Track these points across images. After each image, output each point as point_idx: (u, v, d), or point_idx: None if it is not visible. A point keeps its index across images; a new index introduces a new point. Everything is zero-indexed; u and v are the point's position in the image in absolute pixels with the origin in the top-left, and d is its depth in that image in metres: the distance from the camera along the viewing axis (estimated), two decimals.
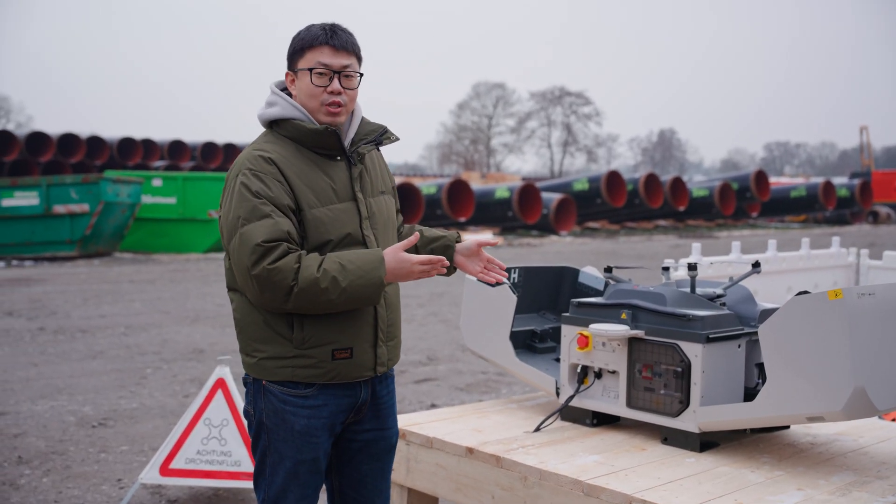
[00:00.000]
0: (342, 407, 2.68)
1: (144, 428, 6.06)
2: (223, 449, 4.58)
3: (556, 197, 28.38)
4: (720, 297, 3.60)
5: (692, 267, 3.59)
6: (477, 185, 32.09)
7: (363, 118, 2.78)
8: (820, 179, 39.27)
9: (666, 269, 4.00)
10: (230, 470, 4.56)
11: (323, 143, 2.63)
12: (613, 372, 3.55)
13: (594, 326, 3.47)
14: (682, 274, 4.91)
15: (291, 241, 2.51)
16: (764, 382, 3.35)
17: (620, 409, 3.52)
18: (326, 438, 2.69)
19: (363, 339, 2.65)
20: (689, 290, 3.60)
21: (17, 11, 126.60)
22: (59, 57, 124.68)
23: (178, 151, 36.83)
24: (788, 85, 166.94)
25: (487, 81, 74.20)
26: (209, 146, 37.18)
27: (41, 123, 76.80)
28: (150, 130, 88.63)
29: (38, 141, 32.75)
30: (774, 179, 47.32)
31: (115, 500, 4.73)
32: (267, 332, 2.59)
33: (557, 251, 22.40)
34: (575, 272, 4.45)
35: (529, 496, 3.13)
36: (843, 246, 6.73)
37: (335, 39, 2.61)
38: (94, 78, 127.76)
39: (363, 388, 2.71)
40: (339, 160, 2.67)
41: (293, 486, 2.66)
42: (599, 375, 3.61)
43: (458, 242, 2.99)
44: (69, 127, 37.11)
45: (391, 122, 2.90)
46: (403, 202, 23.77)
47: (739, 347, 3.40)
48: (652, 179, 31.46)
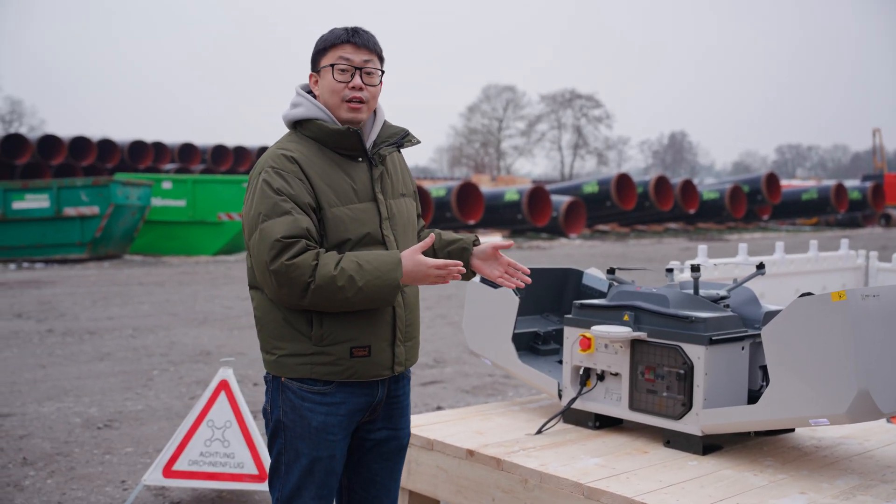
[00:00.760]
0: (360, 405, 2.70)
1: (149, 430, 6.06)
2: (226, 451, 4.57)
3: (565, 200, 28.33)
4: (724, 298, 3.56)
5: (695, 268, 3.56)
6: (487, 187, 32.07)
7: (385, 121, 2.82)
8: (832, 182, 39.06)
9: (670, 270, 3.98)
10: (233, 472, 4.54)
11: (345, 143, 2.67)
12: (616, 374, 3.53)
13: (596, 328, 3.45)
14: (687, 276, 4.88)
15: (310, 238, 2.54)
16: (768, 385, 3.32)
17: (623, 411, 3.49)
18: (343, 438, 2.70)
19: (382, 337, 2.67)
20: (692, 291, 3.57)
21: (29, 16, 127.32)
22: (70, 61, 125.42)
23: (188, 154, 36.94)
24: (800, 87, 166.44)
25: (497, 84, 74.25)
26: (219, 149, 37.29)
27: (53, 127, 77.14)
28: (160, 133, 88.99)
29: (49, 144, 32.92)
30: (786, 182, 47.12)
31: (118, 501, 4.72)
32: (286, 329, 2.62)
33: (567, 254, 22.34)
34: (579, 274, 4.43)
35: (530, 499, 3.10)
36: (853, 248, 6.69)
37: (356, 37, 2.68)
38: (105, 82, 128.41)
39: (381, 387, 2.74)
40: (360, 161, 2.71)
41: (308, 484, 2.67)
42: (602, 378, 3.58)
43: (475, 246, 2.97)
44: (81, 130, 37.30)
45: (401, 124, 2.89)
46: None
47: (743, 350, 3.37)
48: (662, 182, 31.37)
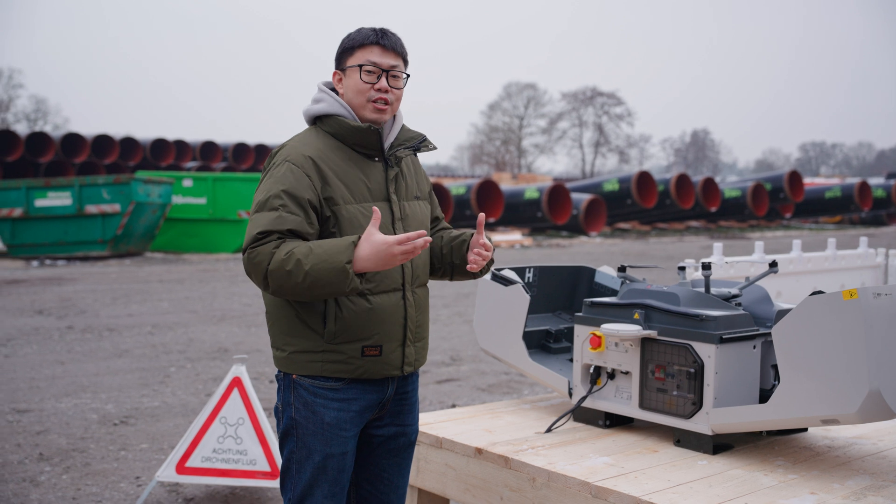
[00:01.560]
0: (371, 402, 2.72)
1: (165, 426, 6.09)
2: (239, 447, 4.59)
3: (585, 197, 28.25)
4: (736, 297, 3.53)
5: (706, 266, 3.53)
6: (507, 185, 32.02)
7: (404, 125, 2.84)
8: (855, 180, 38.69)
9: (682, 268, 3.95)
10: (246, 469, 4.56)
11: (364, 141, 2.67)
12: (626, 372, 3.50)
13: (606, 326, 3.43)
14: (701, 274, 4.84)
15: (290, 236, 2.53)
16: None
17: (633, 410, 3.47)
18: (354, 435, 2.70)
19: (393, 337, 2.68)
20: (703, 289, 3.54)
21: (55, 15, 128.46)
22: (95, 59, 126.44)
23: (210, 152, 37.13)
24: (825, 84, 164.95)
25: (519, 82, 74.02)
26: (241, 147, 37.47)
27: (77, 125, 77.85)
28: (182, 132, 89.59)
29: (72, 142, 33.19)
30: (809, 180, 46.73)
31: (132, 497, 4.75)
32: (298, 325, 2.63)
33: (587, 252, 22.27)
34: (591, 272, 4.40)
35: (538, 497, 3.09)
36: (876, 247, 6.61)
37: (385, 40, 2.68)
38: (129, 80, 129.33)
39: (391, 384, 2.75)
40: (376, 161, 2.71)
41: (321, 481, 2.66)
42: (612, 376, 3.56)
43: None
44: (104, 128, 37.59)
45: (423, 123, 2.91)
46: None
47: (755, 348, 3.33)
48: (683, 180, 31.20)
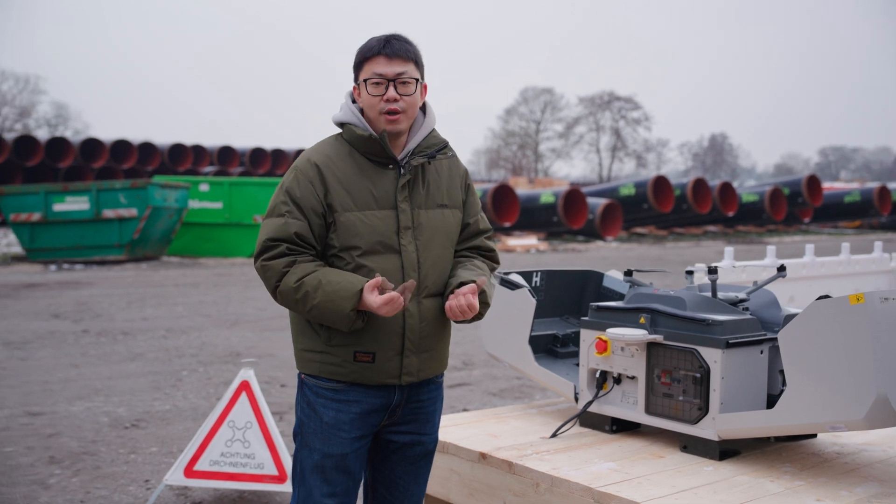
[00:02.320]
0: (374, 406, 2.69)
1: (175, 430, 6.10)
2: (247, 451, 4.59)
3: (601, 202, 28.16)
4: (743, 301, 3.50)
5: (712, 270, 3.50)
6: (522, 190, 31.98)
7: (433, 130, 2.78)
8: (875, 184, 38.36)
9: (690, 272, 3.92)
10: (253, 472, 4.55)
11: (371, 149, 2.67)
12: (632, 377, 3.48)
13: (612, 331, 3.40)
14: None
15: (296, 242, 2.60)
16: None
17: (639, 415, 3.45)
18: (357, 437, 2.69)
19: (388, 346, 2.65)
20: (710, 294, 3.52)
21: (76, 22, 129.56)
22: (115, 65, 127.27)
23: (227, 157, 37.31)
24: (844, 88, 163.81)
25: (535, 86, 74.01)
26: (258, 152, 37.64)
27: (97, 130, 78.32)
28: (200, 136, 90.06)
29: (92, 147, 33.46)
30: (828, 184, 46.39)
31: (141, 500, 4.76)
32: (305, 324, 2.70)
33: (603, 257, 22.20)
34: (599, 276, 4.38)
35: (541, 503, 3.07)
36: (892, 251, 6.54)
37: (388, 48, 2.65)
38: (148, 86, 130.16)
39: (397, 390, 2.71)
40: (390, 168, 2.69)
41: (318, 482, 2.68)
42: (619, 381, 3.54)
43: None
44: (123, 134, 37.85)
45: (439, 128, 2.84)
46: None
47: (762, 353, 3.30)
48: (700, 184, 31.05)
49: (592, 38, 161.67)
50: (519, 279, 3.97)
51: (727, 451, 3.27)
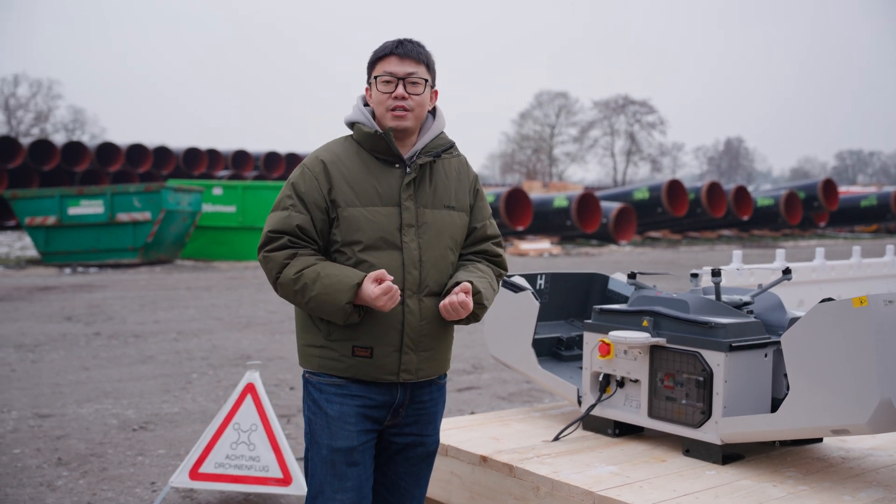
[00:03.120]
0: (376, 402, 2.71)
1: (183, 432, 6.11)
2: (251, 454, 4.58)
3: (615, 206, 28.07)
4: (747, 304, 3.47)
5: (716, 273, 3.48)
6: (536, 194, 31.93)
7: (442, 132, 2.83)
8: (892, 188, 38.07)
9: (695, 275, 3.89)
10: (258, 475, 4.55)
11: (376, 146, 2.72)
12: (636, 381, 3.46)
13: (614, 334, 3.38)
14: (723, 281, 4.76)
15: (298, 235, 2.67)
16: None
17: (642, 418, 3.42)
18: (363, 431, 2.70)
19: (387, 342, 2.66)
20: (714, 297, 3.49)
21: (93, 27, 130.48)
22: (132, 70, 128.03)
23: (241, 161, 37.45)
24: (862, 91, 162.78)
25: (550, 90, 73.87)
26: (272, 156, 37.76)
27: (114, 135, 78.85)
28: (214, 141, 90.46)
29: (107, 151, 33.64)
30: (845, 188, 46.07)
31: (146, 502, 4.77)
32: (307, 319, 2.73)
33: (615, 261, 22.12)
34: (604, 279, 4.36)
35: None
36: None
37: (400, 48, 2.73)
38: (165, 90, 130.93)
39: (399, 389, 2.72)
40: (396, 167, 2.73)
41: (329, 477, 2.70)
42: (622, 384, 3.52)
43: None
44: (140, 138, 38.07)
45: (453, 132, 2.85)
46: None
47: (766, 357, 3.27)
48: (715, 188, 30.89)
49: (607, 41, 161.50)
50: (522, 282, 3.95)
51: (730, 455, 3.24)
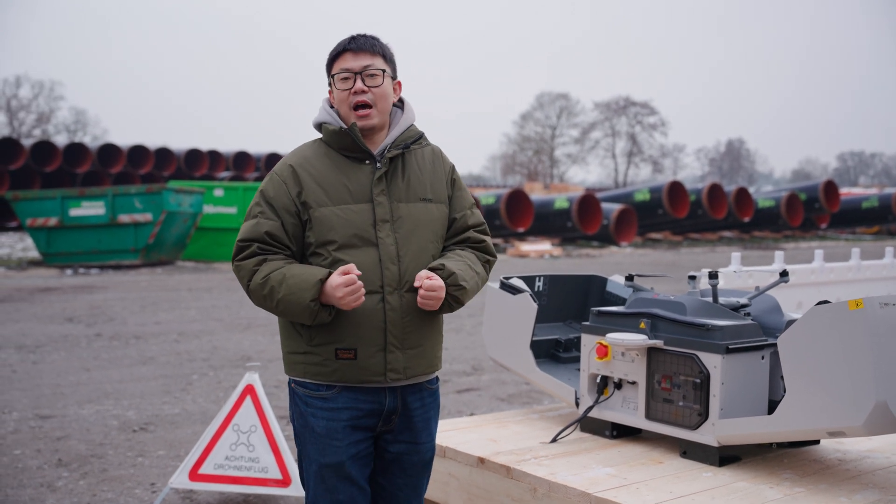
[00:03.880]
0: (364, 412, 2.64)
1: (184, 433, 6.13)
2: (251, 455, 4.60)
3: (616, 207, 28.08)
4: (744, 306, 3.48)
5: (713, 275, 3.49)
6: (537, 195, 31.94)
7: (412, 125, 2.77)
8: (893, 190, 38.06)
9: (693, 277, 3.90)
10: (258, 476, 4.56)
11: (343, 143, 2.67)
12: (633, 382, 3.47)
13: (612, 336, 3.39)
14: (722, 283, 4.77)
15: (267, 242, 2.63)
16: None
17: (639, 420, 3.43)
18: (350, 443, 2.64)
19: (370, 342, 2.59)
20: (711, 299, 3.50)
21: (94, 28, 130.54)
22: (134, 72, 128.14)
23: (242, 162, 37.50)
24: (863, 93, 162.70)
25: (551, 92, 73.91)
26: (273, 157, 37.77)
27: (115, 136, 78.88)
28: (215, 142, 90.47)
29: (109, 153, 33.71)
30: (846, 190, 46.06)
31: (146, 503, 4.78)
32: (289, 326, 2.69)
33: (616, 262, 22.13)
34: (603, 281, 4.37)
35: None
36: None
37: (353, 44, 2.68)
38: (166, 92, 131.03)
39: (388, 394, 2.66)
40: (366, 163, 2.68)
41: (321, 490, 2.67)
42: (619, 386, 3.53)
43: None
44: (142, 139, 38.13)
45: (454, 133, 2.83)
46: None
47: (763, 359, 3.28)
48: (716, 190, 30.91)
49: (608, 42, 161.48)
50: (520, 284, 3.96)
51: (727, 457, 3.25)
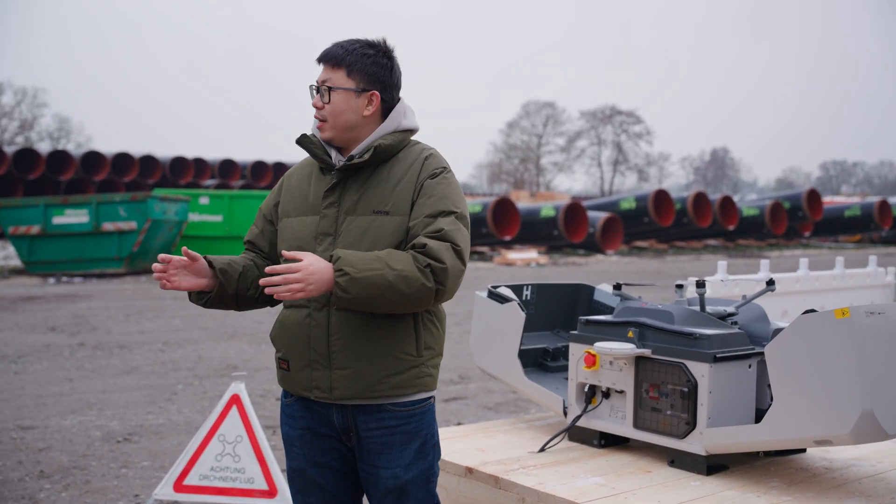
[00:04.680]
0: (314, 423, 2.61)
1: (168, 444, 6.08)
2: (237, 465, 4.56)
3: (602, 216, 28.15)
4: (731, 315, 3.49)
5: (700, 284, 3.49)
6: (524, 203, 31.98)
7: (392, 134, 2.59)
8: (876, 199, 38.34)
9: (680, 286, 3.91)
10: (243, 487, 4.53)
11: (314, 154, 2.64)
12: (621, 391, 3.46)
13: (600, 345, 3.39)
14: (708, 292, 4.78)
15: (249, 248, 2.79)
16: None
17: (627, 429, 3.43)
18: (313, 451, 2.62)
19: (298, 355, 2.57)
20: (698, 308, 3.50)
21: (78, 35, 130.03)
22: (118, 79, 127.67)
23: (228, 170, 37.37)
24: (846, 102, 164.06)
25: (537, 100, 74.07)
26: (259, 165, 37.70)
27: (100, 143, 78.47)
28: (201, 150, 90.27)
29: (93, 160, 33.52)
30: (829, 199, 46.36)
31: None
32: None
33: (602, 270, 22.17)
34: (590, 290, 4.37)
35: None
36: (889, 266, 6.52)
37: (321, 53, 2.60)
38: (151, 99, 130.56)
39: (335, 411, 2.57)
40: (331, 175, 2.61)
41: (293, 490, 2.75)
42: (607, 395, 3.52)
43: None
44: (126, 147, 37.96)
45: (441, 141, 2.82)
46: None
47: (750, 367, 3.29)
48: (701, 198, 31.04)
49: (595, 52, 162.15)
50: (508, 293, 3.96)
51: (715, 465, 3.25)
